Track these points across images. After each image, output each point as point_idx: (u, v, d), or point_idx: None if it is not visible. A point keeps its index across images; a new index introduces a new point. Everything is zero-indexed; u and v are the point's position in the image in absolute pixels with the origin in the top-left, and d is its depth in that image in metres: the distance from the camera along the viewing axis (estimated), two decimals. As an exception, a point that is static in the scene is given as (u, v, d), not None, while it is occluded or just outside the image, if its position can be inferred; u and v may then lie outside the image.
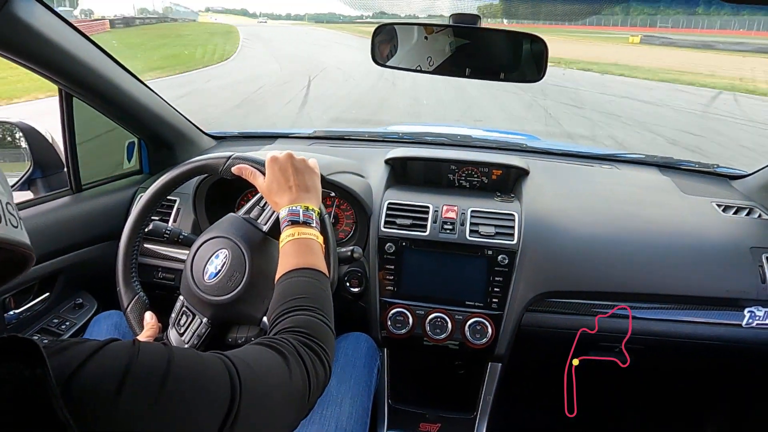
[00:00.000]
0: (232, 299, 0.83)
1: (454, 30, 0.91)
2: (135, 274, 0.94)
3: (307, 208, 0.77)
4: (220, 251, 0.86)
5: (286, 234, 0.74)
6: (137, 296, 0.92)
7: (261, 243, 0.87)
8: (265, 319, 0.84)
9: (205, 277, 0.85)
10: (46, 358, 0.37)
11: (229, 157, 0.87)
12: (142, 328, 0.87)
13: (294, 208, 0.76)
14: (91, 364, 0.41)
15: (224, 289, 0.84)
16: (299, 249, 0.73)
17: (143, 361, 0.43)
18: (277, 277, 0.71)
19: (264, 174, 0.82)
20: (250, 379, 0.50)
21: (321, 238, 0.77)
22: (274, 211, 0.88)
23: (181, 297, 0.90)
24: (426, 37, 0.94)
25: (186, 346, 0.84)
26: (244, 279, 0.83)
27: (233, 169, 0.86)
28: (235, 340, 0.88)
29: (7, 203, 0.46)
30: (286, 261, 0.72)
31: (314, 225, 0.77)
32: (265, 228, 0.88)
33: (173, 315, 0.89)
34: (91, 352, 0.42)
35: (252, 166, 0.84)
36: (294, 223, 0.75)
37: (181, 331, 0.87)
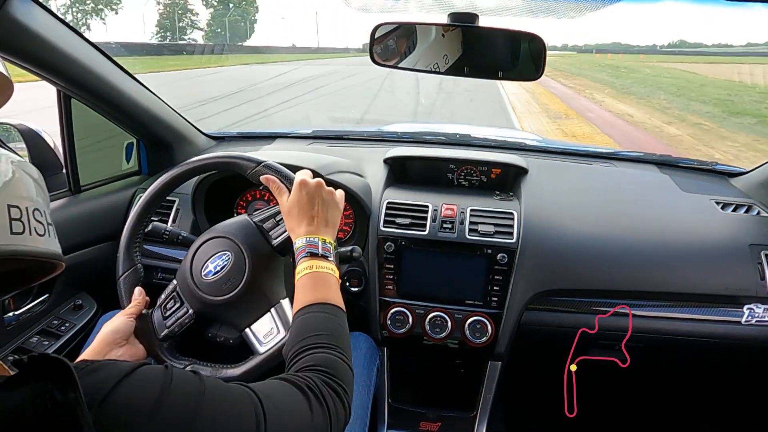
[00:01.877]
0: (222, 302, 0.84)
1: (452, 29, 0.90)
2: (138, 248, 0.93)
3: (325, 241, 0.76)
4: (223, 252, 0.86)
5: (304, 266, 0.73)
6: (134, 267, 0.91)
7: (266, 256, 0.86)
8: (247, 330, 0.84)
9: (203, 273, 0.85)
10: (77, 381, 0.37)
11: (261, 163, 0.86)
12: (130, 301, 0.87)
13: (313, 239, 0.75)
14: (123, 389, 0.40)
15: (218, 290, 0.84)
16: (317, 283, 0.72)
17: (176, 392, 0.43)
18: (294, 310, 0.71)
19: (289, 191, 0.81)
20: (275, 419, 0.50)
21: (337, 273, 0.76)
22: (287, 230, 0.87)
23: (174, 281, 0.90)
24: (443, 35, 0.91)
25: (166, 331, 0.85)
26: (239, 287, 0.83)
27: (261, 177, 0.85)
28: (214, 336, 0.89)
29: (35, 210, 0.46)
30: (303, 294, 0.71)
31: (332, 259, 0.76)
32: (274, 242, 0.87)
33: (163, 296, 0.89)
34: (123, 375, 0.41)
35: (281, 180, 0.83)
36: (312, 255, 0.74)
37: (166, 314, 0.87)
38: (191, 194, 1.22)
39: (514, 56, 0.92)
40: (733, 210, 1.23)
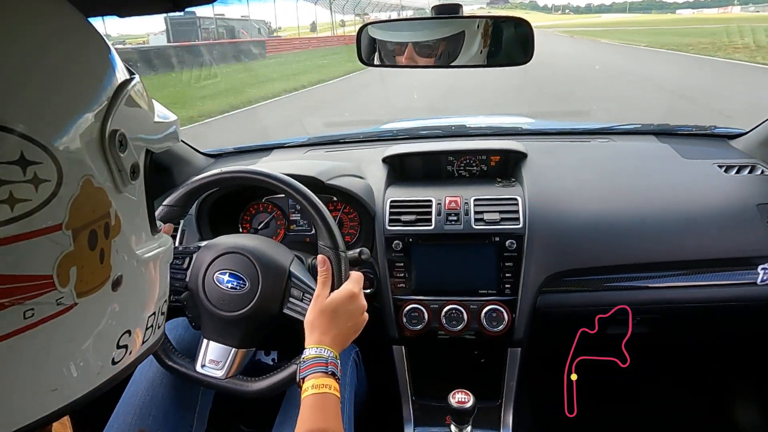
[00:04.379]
0: (207, 309, 0.86)
1: (438, 21, 0.90)
2: (195, 201, 0.96)
3: (335, 357, 0.76)
4: (242, 279, 0.87)
5: (309, 384, 0.72)
6: (182, 210, 0.93)
7: (268, 313, 0.88)
8: (205, 341, 0.88)
9: (217, 275, 0.87)
10: None
11: (338, 249, 0.85)
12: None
13: (326, 353, 0.75)
14: None
15: (216, 299, 0.86)
16: (319, 409, 0.71)
17: None
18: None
19: (332, 290, 0.82)
20: None
21: (338, 390, 0.74)
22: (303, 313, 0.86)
23: (199, 246, 0.92)
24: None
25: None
26: (230, 315, 0.85)
27: (319, 257, 0.85)
28: (182, 300, 0.92)
29: (164, 301, 0.46)
30: (303, 422, 0.70)
31: (338, 376, 0.75)
32: (285, 311, 0.88)
33: (180, 247, 0.93)
34: None
35: (334, 275, 0.84)
36: (323, 373, 0.73)
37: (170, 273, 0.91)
38: (195, 212, 1.22)
39: (502, 42, 0.92)
40: (737, 172, 1.22)
